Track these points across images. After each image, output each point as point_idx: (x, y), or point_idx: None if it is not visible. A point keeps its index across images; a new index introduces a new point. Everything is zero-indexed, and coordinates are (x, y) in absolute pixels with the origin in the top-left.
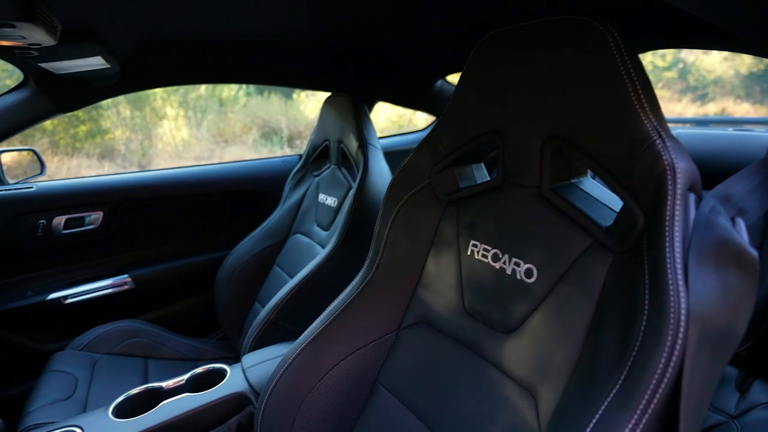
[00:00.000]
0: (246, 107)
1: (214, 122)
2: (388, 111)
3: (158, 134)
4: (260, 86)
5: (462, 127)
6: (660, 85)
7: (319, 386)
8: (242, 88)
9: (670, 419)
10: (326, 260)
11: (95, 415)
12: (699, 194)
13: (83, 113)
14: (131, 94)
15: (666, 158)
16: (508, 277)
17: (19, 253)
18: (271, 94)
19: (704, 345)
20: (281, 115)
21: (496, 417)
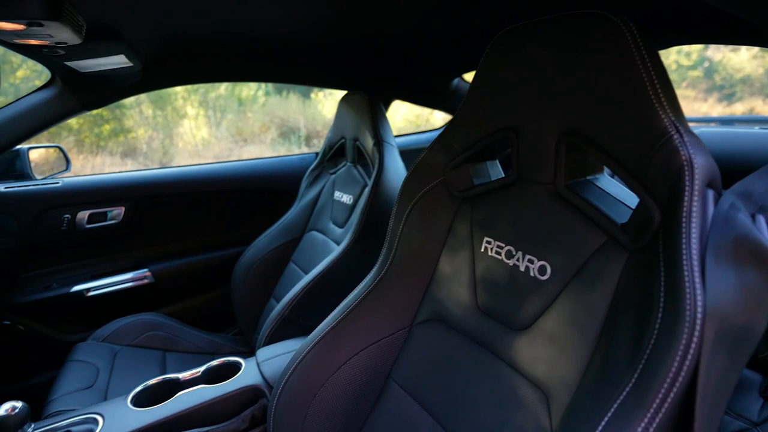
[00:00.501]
0: (265, 107)
1: (234, 121)
2: (405, 110)
3: (179, 133)
4: (279, 86)
5: (476, 123)
6: (684, 85)
7: (332, 380)
8: (261, 88)
9: (685, 419)
10: (341, 257)
11: (115, 403)
12: (718, 190)
13: (107, 112)
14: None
15: (683, 153)
16: (521, 274)
17: (45, 246)
18: (289, 94)
19: (721, 344)
20: (299, 114)
21: (508, 414)
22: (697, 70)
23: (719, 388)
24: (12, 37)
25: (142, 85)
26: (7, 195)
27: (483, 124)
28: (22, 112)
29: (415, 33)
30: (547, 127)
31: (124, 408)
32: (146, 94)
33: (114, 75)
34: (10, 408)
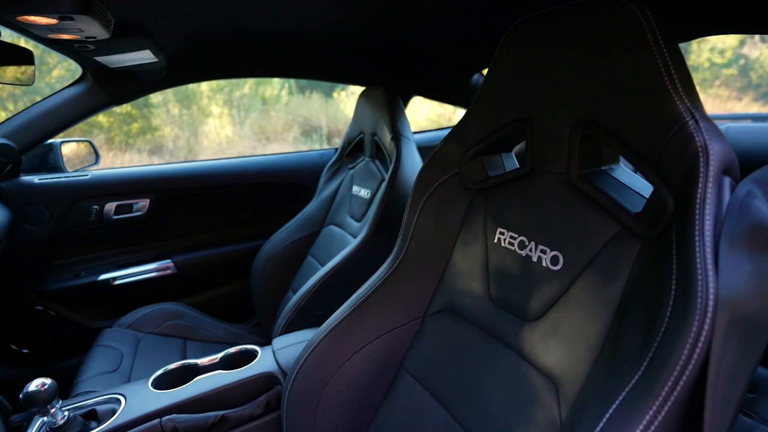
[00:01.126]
0: (288, 106)
1: (257, 120)
2: (427, 110)
3: (204, 132)
4: (302, 85)
5: (491, 115)
6: (718, 83)
7: (344, 369)
8: (284, 87)
9: (695, 409)
10: (357, 249)
11: (136, 385)
12: (735, 178)
13: (136, 111)
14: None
15: (698, 139)
16: (533, 264)
17: (75, 236)
18: (312, 93)
19: (734, 332)
20: (321, 113)
21: (517, 403)
22: (731, 68)
23: (731, 380)
24: (46, 32)
25: (167, 81)
26: (41, 186)
27: (497, 115)
28: (56, 107)
29: (435, 28)
30: (561, 117)
31: (145, 390)
32: (173, 94)
33: (140, 70)
34: (40, 384)
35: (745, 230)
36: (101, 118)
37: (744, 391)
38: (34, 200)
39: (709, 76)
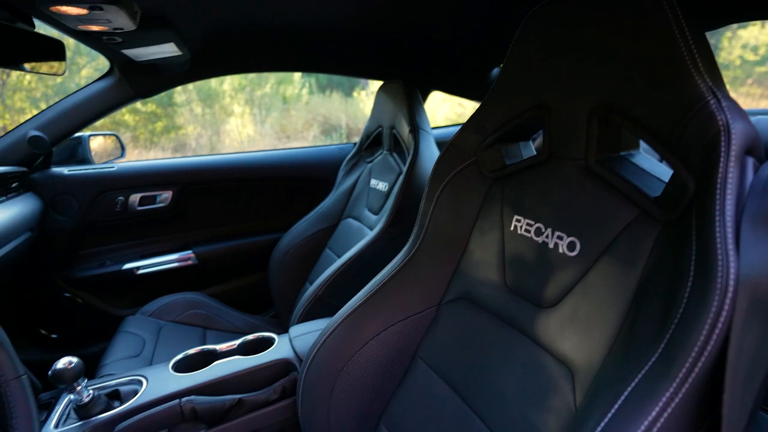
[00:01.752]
0: (308, 105)
1: (278, 119)
2: (447, 109)
3: (226, 130)
4: (322, 85)
5: (509, 102)
6: (750, 82)
7: (359, 355)
8: (305, 86)
9: (714, 392)
10: (375, 240)
11: (158, 368)
12: (759, 158)
13: (160, 110)
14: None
15: (720, 118)
16: (550, 251)
17: (101, 226)
18: (332, 93)
19: (755, 314)
20: (341, 112)
21: (532, 390)
22: (765, 65)
23: (753, 364)
24: (76, 23)
25: (190, 75)
26: (70, 177)
27: (514, 102)
28: (85, 100)
29: (452, 20)
30: (579, 102)
31: (165, 373)
32: (196, 93)
33: (165, 64)
34: (68, 362)
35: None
36: (127, 117)
37: (766, 376)
38: (63, 191)
39: (741, 74)
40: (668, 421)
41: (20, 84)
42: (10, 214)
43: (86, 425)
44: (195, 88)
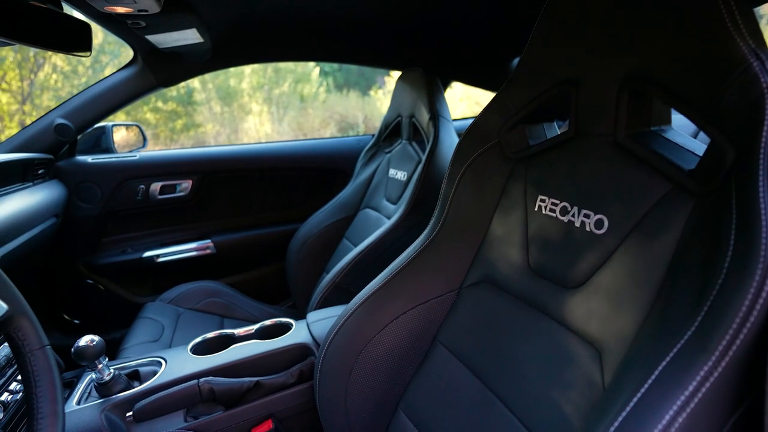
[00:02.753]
0: (325, 103)
1: (295, 117)
2: (464, 109)
3: (244, 129)
4: (339, 83)
5: (534, 80)
6: None
7: (378, 338)
8: (322, 85)
9: (756, 367)
10: (393, 228)
11: (176, 350)
12: None
13: (181, 108)
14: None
15: (764, 81)
16: (576, 230)
17: (123, 214)
18: (349, 92)
19: None
20: (358, 110)
21: (557, 372)
22: None
23: None
24: (102, 4)
25: (211, 64)
26: (94, 166)
27: (540, 80)
28: (109, 89)
29: (474, 6)
30: (608, 75)
31: (184, 355)
32: (215, 92)
33: (187, 52)
34: (89, 340)
35: None
36: (148, 115)
37: None
38: (87, 179)
39: None
40: (706, 397)
41: (47, 83)
42: (37, 199)
43: (106, 402)
44: (214, 86)
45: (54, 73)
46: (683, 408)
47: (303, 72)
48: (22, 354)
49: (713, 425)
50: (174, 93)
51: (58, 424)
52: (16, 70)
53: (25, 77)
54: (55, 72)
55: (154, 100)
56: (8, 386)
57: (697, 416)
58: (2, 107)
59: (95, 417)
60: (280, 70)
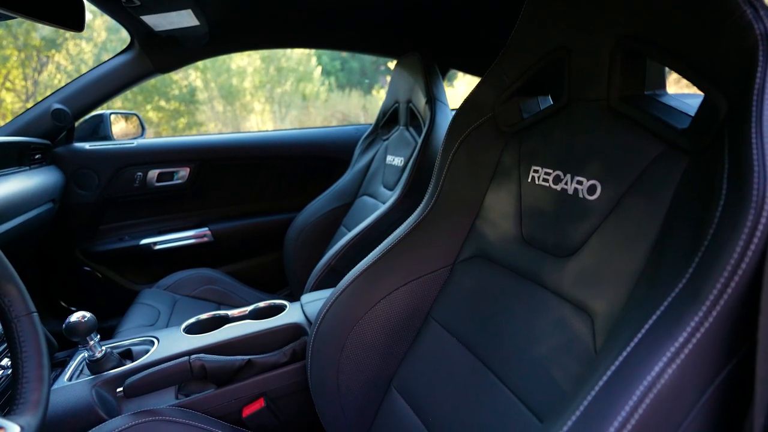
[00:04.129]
0: (327, 102)
1: (297, 116)
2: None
3: (246, 127)
4: (341, 82)
5: (526, 50)
6: None
7: (370, 315)
8: (324, 84)
9: (749, 316)
10: (389, 211)
11: (169, 330)
12: None
13: (183, 107)
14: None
15: (758, 27)
16: (569, 197)
17: (120, 201)
18: (351, 91)
19: None
20: (360, 109)
21: (549, 341)
22: None
23: None
24: None
25: (208, 50)
26: (92, 152)
27: (532, 50)
28: (105, 74)
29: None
30: (600, 38)
31: (177, 334)
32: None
33: (184, 36)
34: (81, 316)
35: None
36: (151, 114)
37: None
38: (85, 165)
39: None
40: (697, 348)
41: (51, 82)
42: (33, 183)
43: (97, 379)
44: (217, 85)
45: (58, 73)
46: (673, 359)
47: (305, 71)
48: (8, 320)
49: (704, 377)
50: (176, 92)
51: (43, 388)
52: (19, 69)
53: (29, 76)
54: (58, 71)
55: (156, 98)
56: (7, 353)
57: (687, 367)
58: (6, 106)
59: (86, 392)
60: (283, 69)
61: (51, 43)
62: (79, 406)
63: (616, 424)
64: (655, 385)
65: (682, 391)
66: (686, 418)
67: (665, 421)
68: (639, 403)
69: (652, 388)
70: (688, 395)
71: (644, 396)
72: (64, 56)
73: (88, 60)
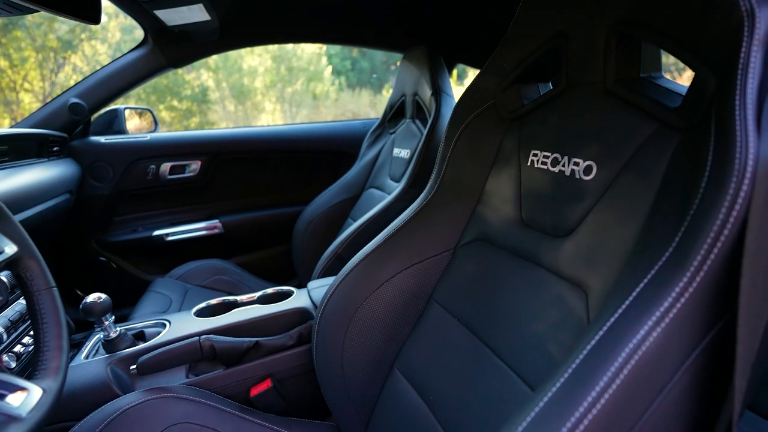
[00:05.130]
0: (337, 101)
1: (308, 115)
2: None
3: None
4: (351, 82)
5: (526, 38)
6: None
7: (374, 297)
8: (334, 84)
9: (732, 282)
10: (395, 201)
11: (181, 314)
12: None
13: (195, 107)
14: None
15: (743, 4)
16: (566, 179)
17: (134, 193)
18: (361, 90)
19: None
20: (370, 107)
21: (546, 318)
22: None
23: None
24: None
25: (219, 45)
26: (107, 145)
27: (532, 37)
28: (120, 69)
29: None
30: (596, 23)
31: (188, 317)
32: (229, 91)
33: (195, 31)
34: (97, 297)
35: None
36: (164, 113)
37: None
38: (100, 158)
39: None
40: (682, 312)
41: (68, 83)
42: (51, 174)
43: (112, 357)
44: (228, 85)
45: (74, 73)
46: (658, 323)
47: (316, 71)
48: (30, 293)
49: (689, 341)
50: (189, 92)
51: (62, 356)
52: (37, 70)
53: (46, 77)
54: (74, 72)
55: (169, 98)
56: (21, 339)
57: (672, 332)
58: (24, 106)
59: (102, 370)
60: (293, 69)
61: (67, 45)
62: (95, 382)
63: (601, 384)
64: (640, 348)
65: (667, 354)
66: (671, 380)
67: (649, 382)
68: (623, 365)
69: (637, 351)
70: (673, 358)
71: (629, 358)
72: (80, 57)
73: (103, 61)
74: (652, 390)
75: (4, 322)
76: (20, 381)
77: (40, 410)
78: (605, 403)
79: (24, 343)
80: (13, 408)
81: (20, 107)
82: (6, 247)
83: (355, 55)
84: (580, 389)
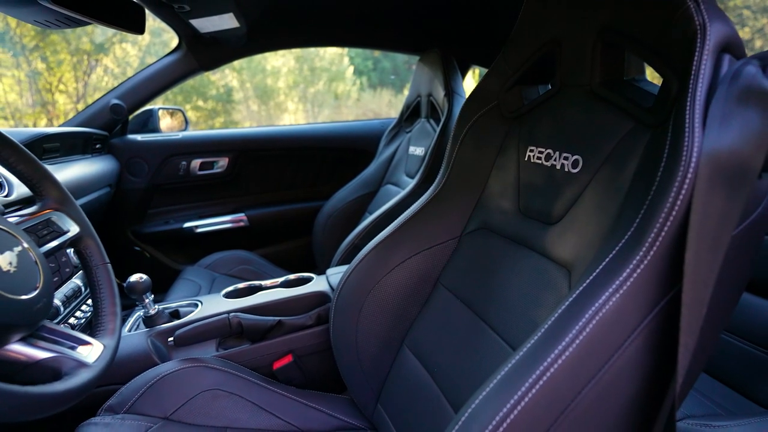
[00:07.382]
0: (359, 101)
1: (329, 115)
2: None
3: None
4: (372, 82)
5: (526, 42)
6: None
7: (386, 279)
8: (355, 83)
9: (681, 255)
10: (409, 195)
11: (211, 295)
12: (738, 56)
13: (220, 107)
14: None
15: (697, 19)
16: (557, 171)
17: (166, 188)
18: (382, 90)
19: (719, 181)
20: (391, 107)
21: (535, 294)
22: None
23: (719, 226)
24: None
25: (246, 49)
26: (143, 143)
27: (531, 42)
28: (156, 72)
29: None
30: (585, 29)
31: (218, 298)
32: (253, 91)
33: (224, 37)
34: (139, 278)
35: (735, 91)
36: (190, 113)
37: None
38: (137, 155)
39: None
40: (637, 281)
41: (100, 84)
42: (94, 168)
43: (152, 331)
44: (252, 86)
45: (105, 75)
46: (616, 291)
47: (338, 71)
48: (89, 267)
49: (643, 307)
50: (214, 92)
51: (117, 320)
52: (72, 72)
53: (80, 79)
54: (106, 74)
55: (195, 98)
56: (75, 313)
57: (628, 298)
58: (59, 107)
59: (143, 341)
60: (316, 69)
61: (99, 47)
62: (137, 351)
63: (566, 340)
64: (600, 311)
65: (623, 317)
66: (627, 339)
67: (608, 340)
68: (585, 325)
69: (598, 314)
70: (629, 321)
71: (591, 319)
72: (111, 59)
73: (133, 63)
74: (610, 347)
75: (61, 297)
76: (87, 337)
77: (102, 361)
78: (569, 356)
79: (77, 316)
80: (83, 357)
81: (56, 108)
82: (71, 228)
83: (377, 55)
84: (548, 345)
